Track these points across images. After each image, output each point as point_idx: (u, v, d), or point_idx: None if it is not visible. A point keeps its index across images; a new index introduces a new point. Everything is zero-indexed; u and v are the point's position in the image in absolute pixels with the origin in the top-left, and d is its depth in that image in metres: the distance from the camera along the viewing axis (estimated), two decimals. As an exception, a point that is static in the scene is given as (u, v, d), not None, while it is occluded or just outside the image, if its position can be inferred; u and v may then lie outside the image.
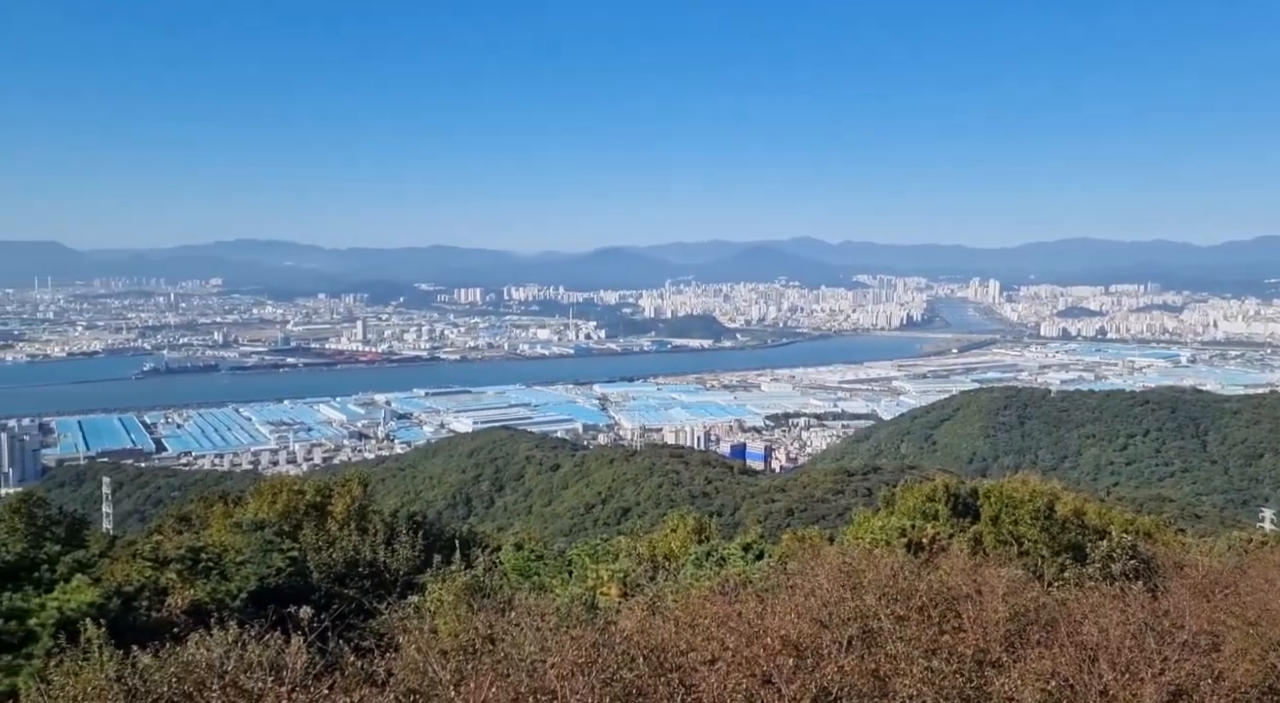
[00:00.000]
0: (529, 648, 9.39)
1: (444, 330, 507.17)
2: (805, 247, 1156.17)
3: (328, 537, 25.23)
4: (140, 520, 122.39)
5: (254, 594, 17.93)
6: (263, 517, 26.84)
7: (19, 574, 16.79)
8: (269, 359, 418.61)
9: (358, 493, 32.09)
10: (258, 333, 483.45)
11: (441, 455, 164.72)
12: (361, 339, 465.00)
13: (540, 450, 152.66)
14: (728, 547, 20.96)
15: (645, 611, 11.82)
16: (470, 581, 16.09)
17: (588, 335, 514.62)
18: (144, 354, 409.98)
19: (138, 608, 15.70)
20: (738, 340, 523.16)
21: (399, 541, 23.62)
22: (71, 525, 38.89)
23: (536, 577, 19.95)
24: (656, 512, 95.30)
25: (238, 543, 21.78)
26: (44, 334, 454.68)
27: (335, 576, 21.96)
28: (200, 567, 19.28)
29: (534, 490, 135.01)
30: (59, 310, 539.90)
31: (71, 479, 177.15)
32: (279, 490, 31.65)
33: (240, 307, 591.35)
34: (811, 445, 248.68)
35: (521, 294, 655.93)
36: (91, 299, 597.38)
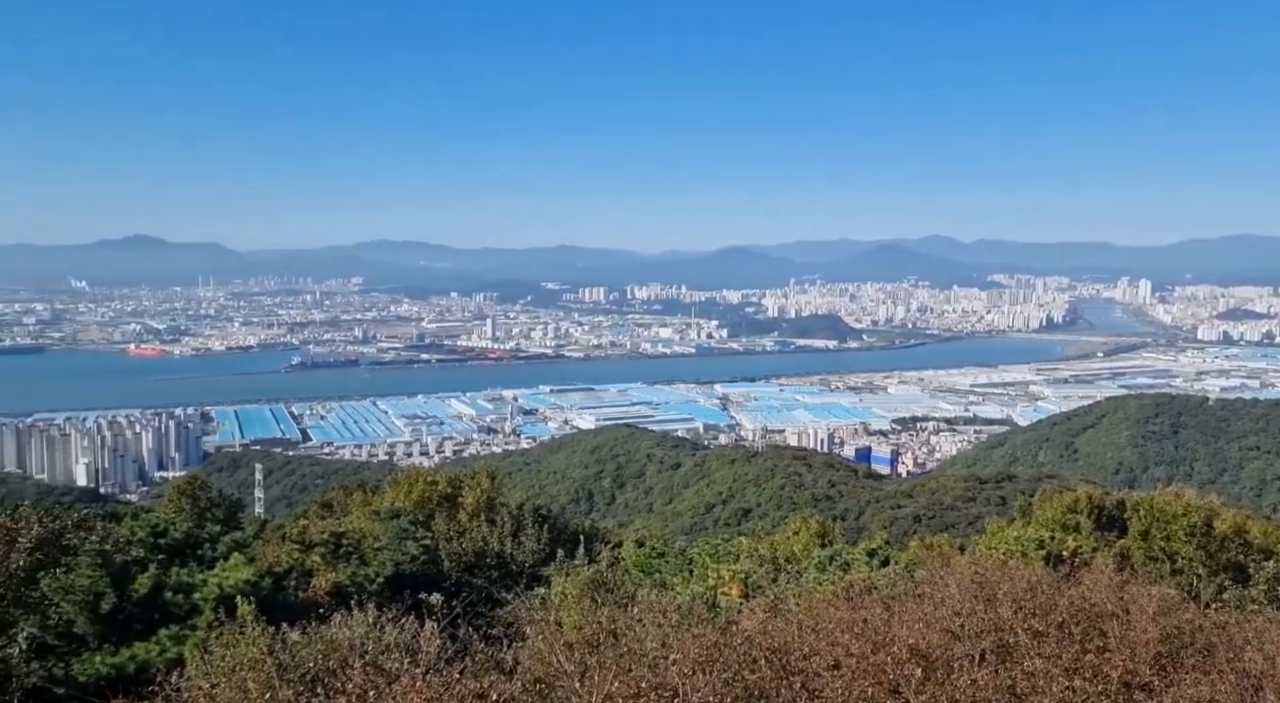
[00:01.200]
0: (651, 644, 9.46)
1: (569, 329, 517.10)
2: (936, 245, 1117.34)
3: (458, 527, 26.15)
4: (288, 506, 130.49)
5: (390, 579, 18.80)
6: (398, 506, 28.13)
7: (184, 551, 18.19)
8: (404, 355, 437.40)
9: (486, 486, 33.11)
10: (394, 330, 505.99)
11: (565, 451, 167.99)
12: (490, 337, 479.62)
13: (661, 449, 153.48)
14: (852, 552, 20.48)
15: (767, 612, 11.71)
16: (593, 575, 16.35)
17: (709, 335, 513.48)
18: (292, 349, 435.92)
19: (286, 588, 16.73)
20: (864, 341, 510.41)
21: (525, 533, 24.27)
22: (229, 508, 41.83)
23: (658, 574, 20.06)
24: (778, 514, 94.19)
25: (375, 530, 22.89)
26: (206, 329, 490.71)
27: (465, 565, 22.78)
28: (341, 551, 20.38)
29: (654, 488, 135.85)
30: (219, 307, 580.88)
31: (228, 465, 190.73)
32: (414, 481, 33.07)
33: (379, 304, 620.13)
34: (940, 451, 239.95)
35: (644, 293, 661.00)
36: (247, 297, 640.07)
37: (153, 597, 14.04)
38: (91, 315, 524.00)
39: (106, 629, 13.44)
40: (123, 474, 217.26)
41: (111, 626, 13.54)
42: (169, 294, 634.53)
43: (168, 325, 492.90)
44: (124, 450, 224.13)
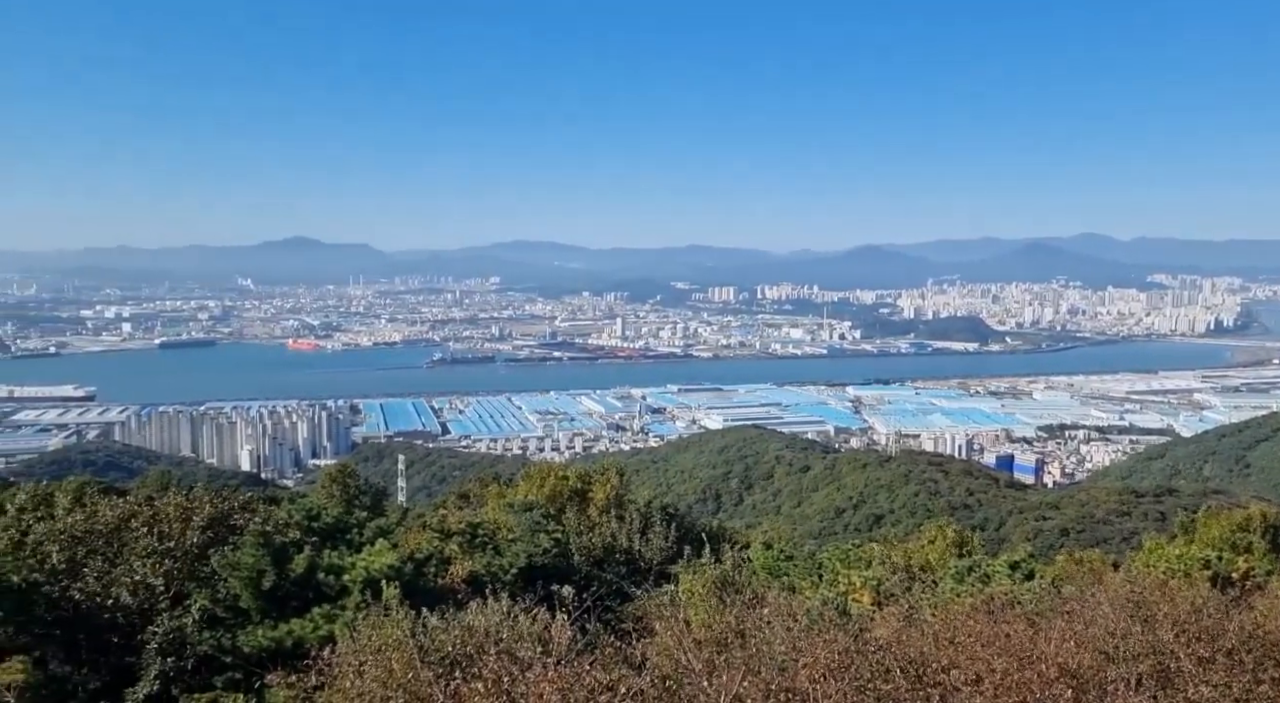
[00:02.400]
0: (779, 647, 9.33)
1: (697, 328, 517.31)
2: (1090, 243, 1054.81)
3: (588, 522, 26.64)
4: (427, 495, 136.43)
5: (523, 570, 19.32)
6: (531, 499, 28.88)
7: (335, 535, 19.28)
8: (538, 352, 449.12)
9: (615, 482, 33.57)
10: (529, 328, 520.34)
11: (693, 450, 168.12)
12: (620, 335, 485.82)
13: (790, 451, 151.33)
14: (992, 563, 19.57)
15: (901, 621, 11.34)
16: (721, 575, 16.29)
17: (842, 336, 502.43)
18: (434, 345, 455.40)
19: (426, 574, 17.45)
20: (1007, 344, 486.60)
21: (653, 530, 24.46)
22: (375, 496, 44.13)
23: (785, 577, 19.79)
24: (912, 521, 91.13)
25: (509, 522, 23.59)
26: (356, 326, 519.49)
27: (594, 559, 23.17)
28: (477, 541, 21.11)
29: (783, 491, 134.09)
30: (368, 305, 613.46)
31: (374, 455, 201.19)
32: (546, 476, 33.90)
33: (514, 303, 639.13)
34: (1091, 461, 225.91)
35: (774, 293, 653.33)
36: (393, 295, 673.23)
37: (307, 577, 14.93)
38: (256, 312, 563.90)
39: (267, 605, 14.39)
40: (281, 461, 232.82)
41: (271, 602, 14.48)
42: (323, 292, 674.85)
43: (321, 322, 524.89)
44: (282, 439, 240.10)
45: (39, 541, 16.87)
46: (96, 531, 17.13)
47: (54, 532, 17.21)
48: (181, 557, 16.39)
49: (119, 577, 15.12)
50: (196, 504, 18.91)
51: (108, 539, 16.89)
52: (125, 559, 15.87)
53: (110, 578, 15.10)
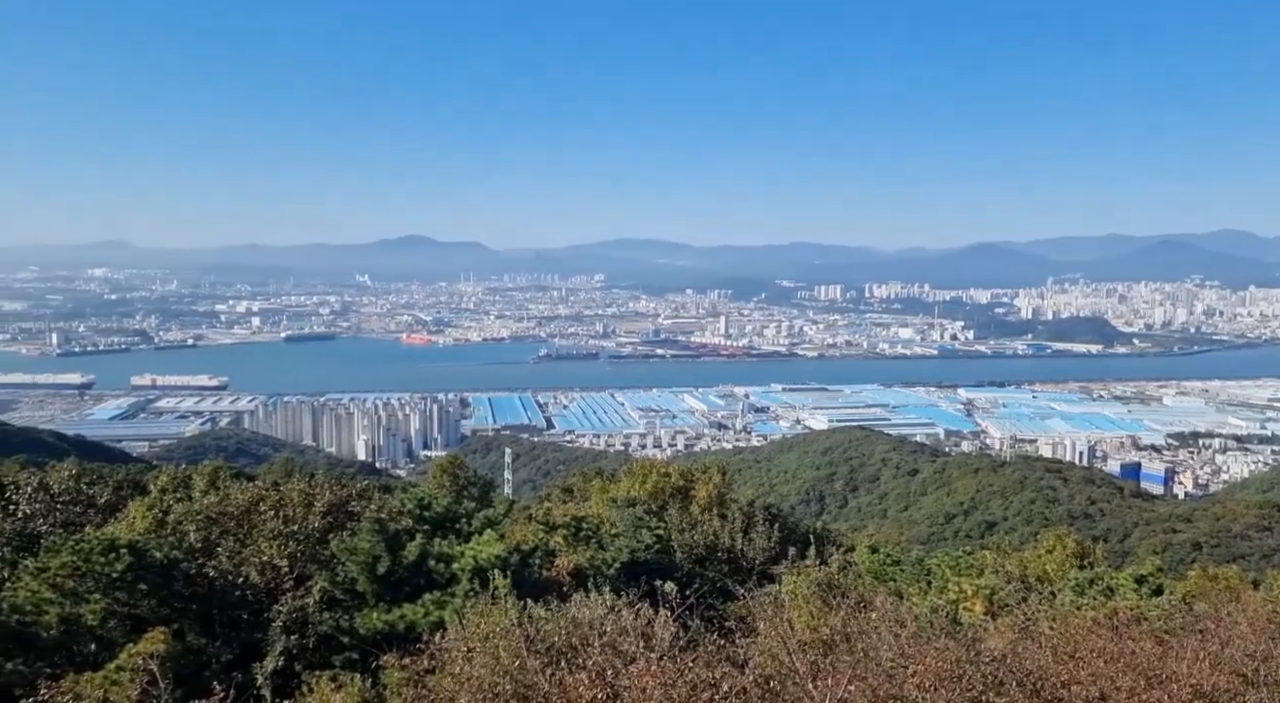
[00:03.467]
0: (886, 653, 9.11)
1: (802, 327, 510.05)
2: (1229, 240, 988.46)
3: (690, 519, 26.62)
4: (532, 488, 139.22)
5: (625, 565, 19.47)
6: (634, 495, 29.10)
7: (445, 524, 19.90)
8: (641, 349, 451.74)
9: (718, 481, 33.47)
10: (632, 325, 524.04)
11: (796, 451, 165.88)
12: (724, 333, 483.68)
13: (898, 453, 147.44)
14: (1116, 576, 18.57)
15: (1016, 633, 10.89)
16: (825, 577, 16.02)
17: (954, 336, 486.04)
18: (540, 341, 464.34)
19: (532, 565, 17.80)
20: (1134, 346, 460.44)
21: (755, 530, 24.26)
22: (483, 487, 45.33)
23: (892, 582, 19.30)
24: (1027, 529, 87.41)
25: (613, 517, 23.83)
26: (466, 321, 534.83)
27: (696, 557, 23.15)
28: (581, 535, 21.40)
29: (890, 494, 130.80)
30: (477, 302, 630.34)
31: (482, 447, 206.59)
32: (648, 472, 34.07)
33: (618, 300, 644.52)
34: (1229, 471, 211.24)
35: (883, 292, 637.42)
36: (502, 292, 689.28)
37: (419, 564, 15.44)
38: (373, 307, 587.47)
39: (381, 590, 14.97)
40: (394, 451, 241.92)
41: (385, 587, 15.05)
42: (436, 289, 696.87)
43: (434, 317, 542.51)
44: (395, 430, 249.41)
45: (178, 520, 18.08)
46: (228, 513, 18.22)
47: (191, 512, 18.39)
48: (304, 540, 17.25)
49: (248, 557, 16.03)
50: (318, 491, 19.88)
51: (238, 521, 17.94)
52: (254, 540, 16.82)
53: (240, 558, 16.02)
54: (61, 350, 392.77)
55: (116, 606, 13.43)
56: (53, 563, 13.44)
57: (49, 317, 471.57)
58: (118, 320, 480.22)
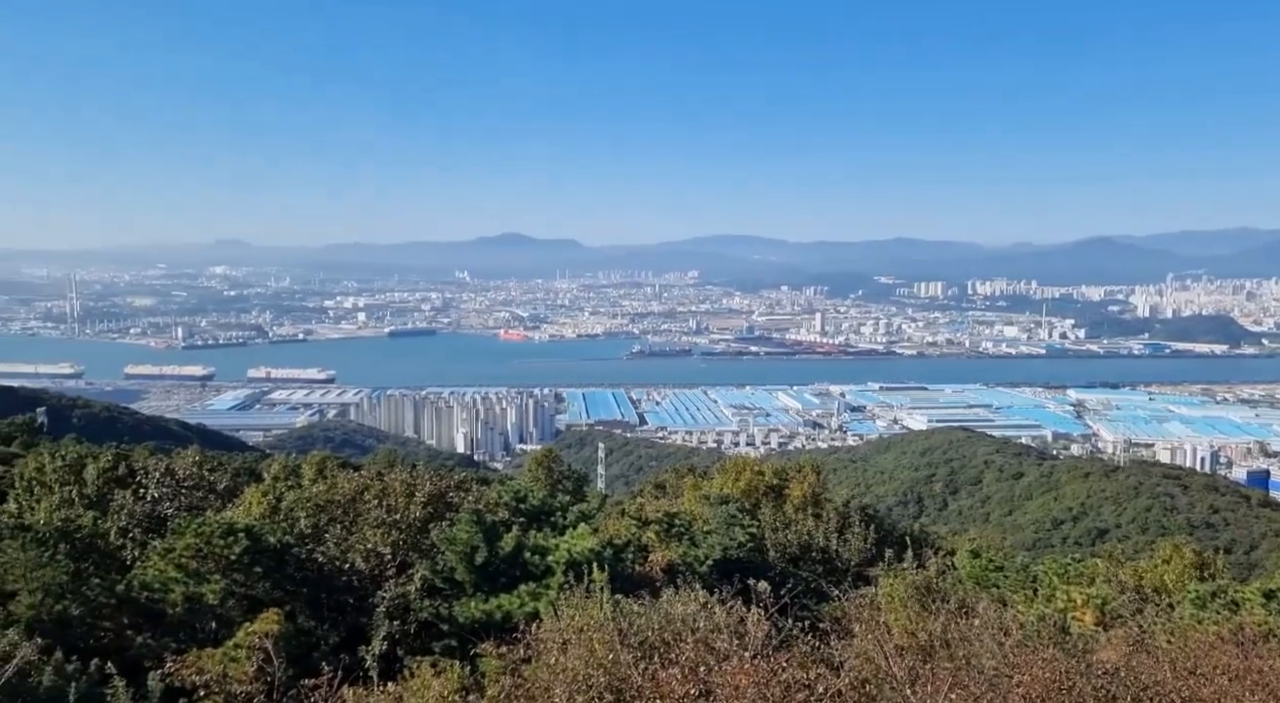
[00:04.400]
0: (989, 661, 8.80)
1: (901, 324, 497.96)
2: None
3: (784, 519, 26.35)
4: (625, 484, 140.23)
5: (718, 563, 19.41)
6: (727, 493, 28.96)
7: (540, 517, 20.23)
8: (734, 346, 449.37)
9: (812, 480, 32.99)
10: (725, 322, 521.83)
11: (894, 451, 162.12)
12: (819, 331, 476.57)
13: (1001, 456, 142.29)
14: (1242, 590, 17.45)
15: (1130, 645, 10.36)
16: (923, 581, 15.60)
17: (1063, 334, 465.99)
18: (633, 338, 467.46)
19: (625, 560, 17.92)
20: (1263, 346, 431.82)
21: (851, 531, 23.84)
22: (577, 481, 45.88)
23: (995, 589, 18.63)
24: (1142, 538, 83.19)
25: (705, 514, 23.78)
26: (561, 318, 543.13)
27: (790, 556, 22.90)
28: (674, 531, 21.43)
29: (992, 497, 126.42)
30: (572, 298, 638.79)
31: (575, 442, 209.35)
32: (741, 470, 33.85)
33: (711, 297, 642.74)
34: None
35: (987, 288, 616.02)
36: (596, 289, 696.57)
37: (515, 555, 15.74)
38: (471, 304, 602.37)
39: (479, 579, 15.33)
40: (491, 444, 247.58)
41: (483, 576, 15.40)
42: (532, 286, 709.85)
43: (530, 314, 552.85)
44: (493, 423, 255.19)
45: (290, 507, 18.94)
46: (335, 501, 18.98)
47: (301, 500, 19.24)
48: (406, 529, 17.83)
49: (354, 544, 16.67)
50: (419, 481, 20.52)
51: (345, 509, 18.67)
52: (359, 528, 17.48)
53: (347, 544, 16.67)
54: (185, 344, 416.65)
55: (234, 586, 14.16)
56: (178, 544, 14.27)
57: (175, 312, 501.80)
58: (236, 316, 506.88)
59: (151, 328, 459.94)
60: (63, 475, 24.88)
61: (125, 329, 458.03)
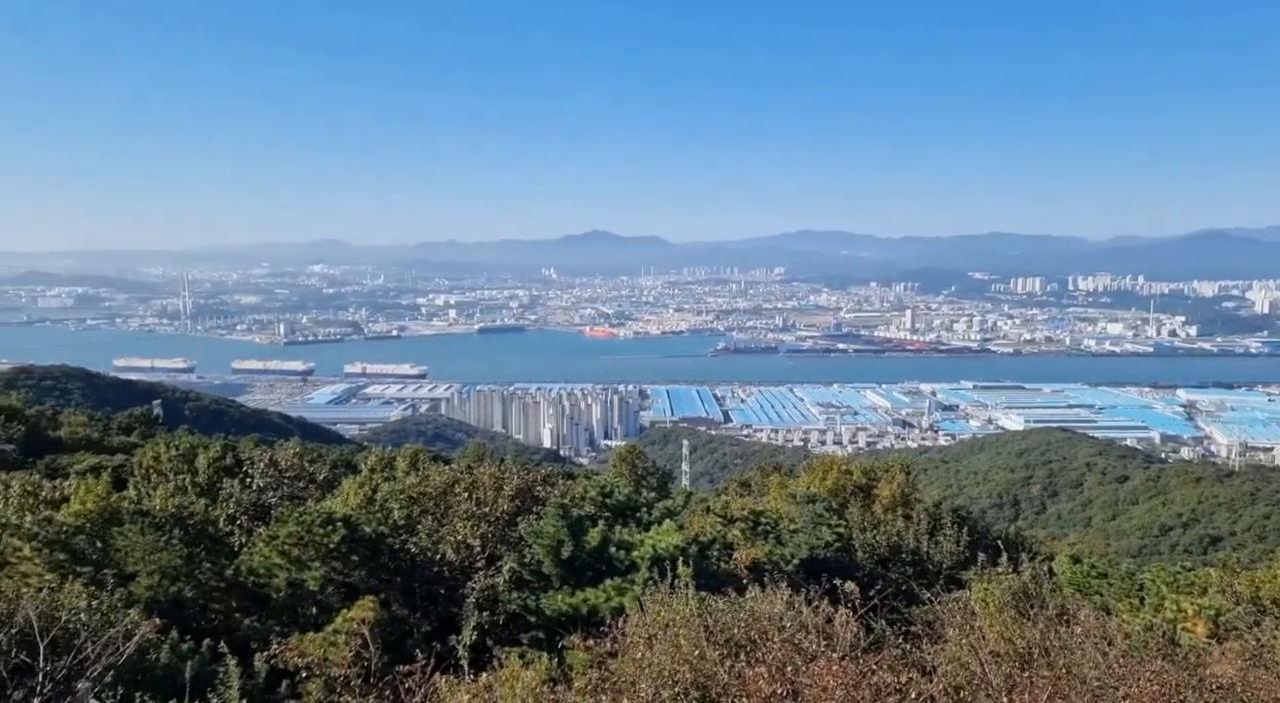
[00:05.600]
0: (1092, 671, 8.44)
1: (996, 321, 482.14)
2: None
3: (872, 519, 25.87)
4: (709, 481, 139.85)
5: (804, 562, 19.18)
6: (813, 491, 28.59)
7: (625, 512, 20.36)
8: (821, 344, 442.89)
9: (901, 480, 32.30)
10: (812, 319, 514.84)
11: (988, 452, 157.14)
12: (909, 328, 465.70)
13: (1104, 458, 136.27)
14: (1372, 606, 16.28)
15: (1246, 660, 9.79)
16: (1020, 586, 15.07)
17: (1172, 332, 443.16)
18: (718, 335, 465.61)
19: (710, 557, 17.87)
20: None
21: (942, 532, 23.24)
22: (661, 478, 46.02)
23: (1097, 596, 17.86)
24: (1259, 546, 78.49)
25: (791, 512, 23.53)
26: (646, 314, 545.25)
27: (878, 557, 22.46)
28: (759, 529, 21.27)
29: (1094, 501, 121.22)
30: (657, 295, 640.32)
31: (660, 439, 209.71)
32: (829, 469, 33.39)
33: (798, 294, 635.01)
34: None
35: (1089, 284, 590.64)
36: (681, 286, 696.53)
37: (600, 550, 15.88)
38: (558, 301, 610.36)
39: (565, 573, 15.52)
40: (577, 440, 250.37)
41: (569, 570, 15.59)
42: (617, 283, 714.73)
43: (615, 311, 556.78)
44: (578, 419, 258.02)
45: (384, 498, 19.55)
46: (427, 493, 19.51)
47: (395, 491, 19.85)
48: (494, 522, 18.20)
49: (445, 535, 17.10)
50: (507, 475, 20.89)
51: (436, 501, 19.17)
52: (450, 520, 17.93)
53: (438, 536, 17.12)
54: (287, 340, 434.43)
55: (333, 574, 14.70)
56: (281, 532, 14.89)
57: (278, 309, 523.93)
58: (334, 313, 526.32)
59: (256, 324, 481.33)
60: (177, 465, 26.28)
61: (233, 326, 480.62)
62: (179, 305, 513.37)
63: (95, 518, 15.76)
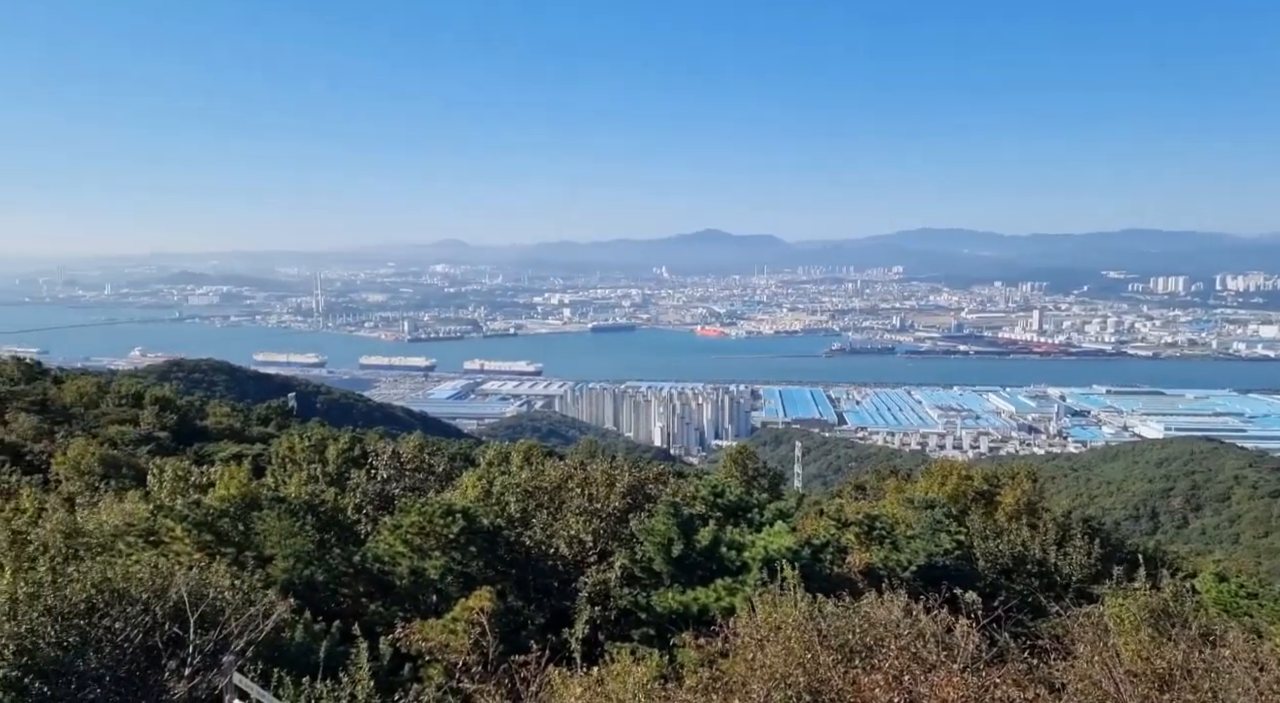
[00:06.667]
0: (1240, 698, 7.86)
1: (1133, 323, 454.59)
2: None
3: (994, 527, 24.87)
4: (822, 484, 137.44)
5: (922, 569, 18.61)
6: (932, 496, 27.69)
7: (736, 513, 20.24)
8: (941, 345, 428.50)
9: (1026, 487, 30.97)
10: (932, 319, 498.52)
11: (1123, 461, 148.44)
12: (1036, 329, 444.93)
13: (1255, 471, 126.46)
14: None
15: None
16: (1158, 603, 14.18)
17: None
18: (832, 335, 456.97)
19: (823, 560, 17.58)
20: None
21: (1071, 544, 22.16)
22: (773, 479, 45.55)
23: (1246, 618, 16.62)
24: None
25: (908, 517, 22.86)
26: (758, 314, 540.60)
27: (1001, 567, 21.58)
28: (875, 534, 20.77)
29: (1243, 517, 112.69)
30: (770, 294, 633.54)
31: (771, 440, 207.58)
32: (948, 474, 32.31)
33: (917, 293, 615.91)
34: None
35: (1240, 283, 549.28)
36: (794, 285, 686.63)
37: (711, 549, 15.85)
38: (669, 300, 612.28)
39: (676, 571, 15.57)
40: (687, 439, 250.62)
41: (679, 568, 15.63)
42: (729, 282, 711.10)
43: (727, 310, 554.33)
44: (689, 418, 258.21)
45: (501, 492, 20.10)
46: (542, 487, 19.94)
47: (511, 486, 20.37)
48: (606, 518, 18.43)
49: (558, 530, 17.43)
50: (619, 472, 21.13)
51: (550, 496, 19.58)
52: (563, 515, 18.27)
53: (552, 530, 17.46)
54: (411, 337, 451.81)
55: (452, 563, 15.22)
56: (404, 522, 15.52)
57: (402, 307, 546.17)
58: (454, 311, 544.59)
59: (382, 322, 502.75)
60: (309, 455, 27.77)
61: (361, 323, 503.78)
62: (312, 303, 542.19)
63: (237, 503, 16.82)
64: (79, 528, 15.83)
